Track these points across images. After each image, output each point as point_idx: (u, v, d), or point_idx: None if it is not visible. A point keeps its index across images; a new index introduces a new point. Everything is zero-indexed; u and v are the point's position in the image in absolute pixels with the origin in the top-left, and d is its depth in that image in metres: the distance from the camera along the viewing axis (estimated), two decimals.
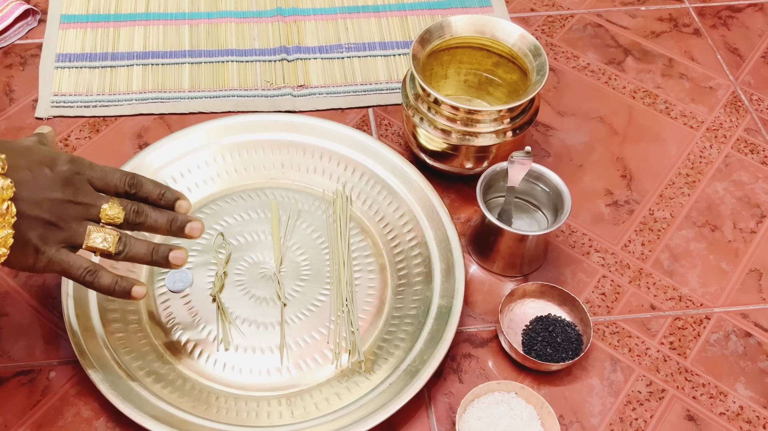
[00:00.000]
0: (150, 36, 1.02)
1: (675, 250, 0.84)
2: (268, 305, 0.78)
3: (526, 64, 0.83)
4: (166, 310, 0.77)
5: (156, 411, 0.67)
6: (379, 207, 0.84)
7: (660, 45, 1.05)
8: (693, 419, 0.73)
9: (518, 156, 0.78)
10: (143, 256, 0.65)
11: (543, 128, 0.95)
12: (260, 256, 0.81)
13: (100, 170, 0.64)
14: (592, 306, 0.80)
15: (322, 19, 1.05)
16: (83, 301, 0.74)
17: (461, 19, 0.85)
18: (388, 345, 0.75)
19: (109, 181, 0.64)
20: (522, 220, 0.84)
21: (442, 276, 0.77)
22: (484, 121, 0.80)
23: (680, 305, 0.80)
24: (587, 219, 0.87)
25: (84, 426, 0.70)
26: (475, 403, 0.70)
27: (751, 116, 0.98)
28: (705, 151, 0.94)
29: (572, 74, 1.01)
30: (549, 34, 1.06)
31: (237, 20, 1.04)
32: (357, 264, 0.81)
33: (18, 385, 0.72)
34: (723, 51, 1.05)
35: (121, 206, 0.63)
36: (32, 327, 0.76)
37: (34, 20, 1.03)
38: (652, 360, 0.76)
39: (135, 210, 0.64)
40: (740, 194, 0.90)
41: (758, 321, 0.79)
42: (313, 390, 0.72)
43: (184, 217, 0.66)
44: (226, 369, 0.74)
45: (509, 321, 0.77)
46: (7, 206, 0.57)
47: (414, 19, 1.06)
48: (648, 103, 0.98)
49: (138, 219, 0.64)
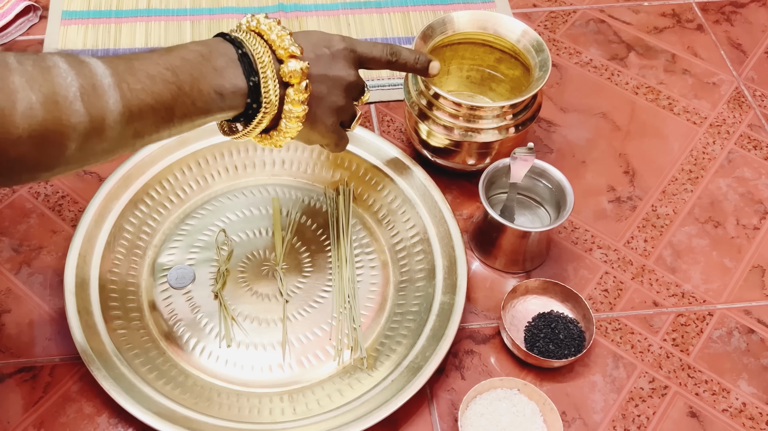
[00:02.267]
0: (152, 32, 1.02)
1: (678, 247, 0.84)
2: (270, 302, 0.78)
3: (528, 60, 0.83)
4: (168, 307, 0.77)
5: (158, 408, 0.67)
6: (382, 203, 0.84)
7: (663, 41, 1.05)
8: (695, 415, 0.72)
9: (521, 152, 0.77)
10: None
11: (545, 124, 0.95)
12: (262, 253, 0.81)
13: (365, 46, 0.71)
14: (594, 302, 0.80)
15: (324, 14, 1.05)
16: (85, 298, 0.74)
17: (463, 14, 0.85)
18: (391, 341, 0.75)
19: (375, 54, 0.71)
20: (524, 217, 0.84)
21: (444, 272, 0.77)
22: (486, 117, 0.80)
23: (683, 301, 0.80)
24: (590, 215, 0.86)
25: (86, 423, 0.70)
26: (478, 400, 0.70)
27: (754, 112, 0.97)
28: (708, 147, 0.93)
29: (575, 70, 1.01)
30: (551, 30, 1.05)
31: (239, 16, 1.04)
32: (359, 261, 0.81)
33: (20, 382, 0.72)
34: (726, 47, 1.05)
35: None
36: (34, 324, 0.76)
37: (35, 16, 1.03)
38: (655, 356, 0.76)
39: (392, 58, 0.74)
40: (743, 190, 0.90)
41: (761, 318, 0.79)
42: (315, 387, 0.72)
43: (425, 58, 0.76)
44: (228, 365, 0.74)
45: (511, 317, 0.77)
46: (306, 84, 0.64)
47: (416, 15, 1.06)
48: (651, 99, 0.98)
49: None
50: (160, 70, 0.57)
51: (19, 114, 0.50)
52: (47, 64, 0.52)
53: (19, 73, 0.50)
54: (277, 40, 0.63)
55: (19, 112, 0.50)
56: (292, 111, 0.64)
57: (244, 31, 0.64)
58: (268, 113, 0.63)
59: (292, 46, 0.63)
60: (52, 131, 0.51)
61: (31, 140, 0.51)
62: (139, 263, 0.79)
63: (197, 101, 0.59)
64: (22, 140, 0.50)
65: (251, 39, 0.63)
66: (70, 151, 0.53)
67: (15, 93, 0.50)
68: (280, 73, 0.63)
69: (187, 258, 0.80)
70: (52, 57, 0.53)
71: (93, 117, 0.53)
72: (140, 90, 0.55)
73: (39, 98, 0.50)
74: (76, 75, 0.53)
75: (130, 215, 0.81)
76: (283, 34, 0.63)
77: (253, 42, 0.62)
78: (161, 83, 0.57)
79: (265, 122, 0.64)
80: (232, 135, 0.66)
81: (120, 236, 0.79)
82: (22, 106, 0.50)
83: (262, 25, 0.64)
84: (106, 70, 0.54)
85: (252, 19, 0.64)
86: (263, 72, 0.62)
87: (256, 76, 0.62)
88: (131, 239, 0.80)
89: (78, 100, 0.52)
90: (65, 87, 0.52)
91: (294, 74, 0.63)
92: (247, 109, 0.63)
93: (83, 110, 0.52)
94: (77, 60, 0.54)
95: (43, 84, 0.51)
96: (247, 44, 0.62)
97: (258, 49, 0.62)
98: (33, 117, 0.50)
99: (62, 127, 0.52)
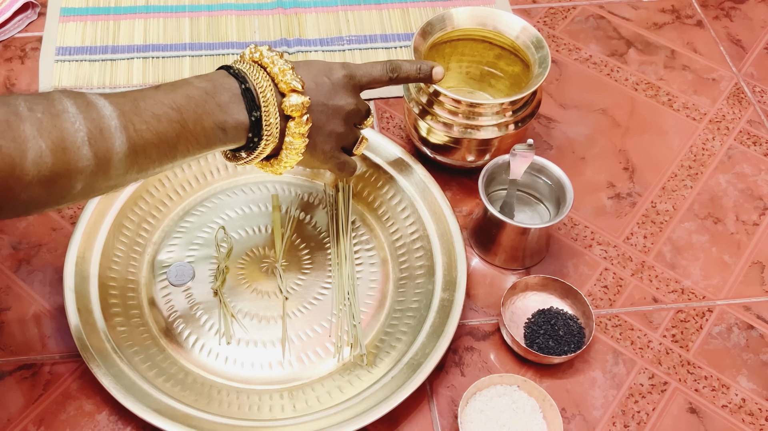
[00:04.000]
0: (150, 29, 1.01)
1: (677, 243, 0.84)
2: (269, 299, 0.78)
3: (528, 57, 0.83)
4: (168, 304, 0.77)
5: (158, 405, 0.68)
6: (381, 200, 0.84)
7: (662, 36, 1.05)
8: (695, 412, 0.73)
9: (520, 148, 0.77)
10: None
11: (545, 121, 0.95)
12: (262, 250, 0.81)
13: (364, 69, 0.72)
14: (594, 299, 0.80)
15: (323, 11, 1.05)
16: (85, 295, 0.74)
17: (463, 11, 0.85)
18: (390, 338, 0.75)
19: (375, 75, 0.72)
20: (524, 213, 0.84)
21: (444, 269, 0.77)
22: (486, 113, 0.80)
23: (682, 298, 0.80)
24: (589, 211, 0.86)
25: (86, 420, 0.70)
26: (477, 396, 0.70)
27: (753, 108, 0.97)
28: (707, 143, 0.93)
29: (574, 66, 1.01)
30: (551, 26, 1.05)
31: (237, 13, 1.04)
32: (359, 258, 0.81)
33: (20, 379, 0.72)
34: (726, 42, 1.04)
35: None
36: (34, 322, 0.76)
37: (34, 13, 1.03)
38: (655, 352, 0.76)
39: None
40: (743, 186, 0.90)
41: (761, 314, 0.79)
42: (315, 384, 0.72)
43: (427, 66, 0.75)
44: (228, 362, 0.74)
45: (511, 314, 0.77)
46: (307, 118, 0.65)
47: (415, 11, 1.06)
48: (650, 95, 0.98)
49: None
50: (165, 110, 0.59)
51: (29, 162, 0.52)
52: (57, 110, 0.54)
53: (30, 121, 0.52)
54: (279, 74, 0.64)
55: (30, 159, 0.52)
56: (293, 143, 0.66)
57: (247, 62, 0.65)
58: (269, 144, 0.65)
59: (294, 80, 0.64)
60: (61, 175, 0.54)
61: (40, 184, 0.53)
62: (139, 260, 0.79)
63: (200, 137, 0.61)
64: (32, 185, 0.53)
65: (254, 72, 0.64)
66: (76, 190, 0.56)
67: (26, 142, 0.52)
68: (282, 107, 0.64)
69: (186, 256, 0.80)
70: (62, 100, 0.55)
71: (99, 159, 0.55)
72: (145, 130, 0.58)
73: (49, 145, 0.53)
74: (84, 119, 0.55)
75: (130, 212, 0.81)
76: (285, 68, 0.64)
77: (256, 75, 0.64)
78: (166, 122, 0.59)
79: (266, 152, 0.66)
80: (234, 161, 0.68)
81: (119, 233, 0.79)
82: (33, 154, 0.52)
83: (265, 57, 0.65)
84: (113, 112, 0.56)
85: (255, 51, 0.65)
86: (265, 107, 0.63)
87: (258, 111, 0.63)
88: (131, 236, 0.80)
89: (86, 145, 0.54)
90: (74, 132, 0.54)
91: (295, 108, 0.64)
92: (249, 142, 0.65)
93: (90, 154, 0.55)
94: (85, 101, 0.56)
95: (53, 131, 0.53)
96: (250, 78, 0.64)
97: (261, 83, 0.63)
98: (43, 164, 0.52)
99: (70, 171, 0.54)
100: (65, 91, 0.57)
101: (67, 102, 0.55)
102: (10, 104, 0.53)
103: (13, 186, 0.52)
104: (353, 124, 0.72)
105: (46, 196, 0.55)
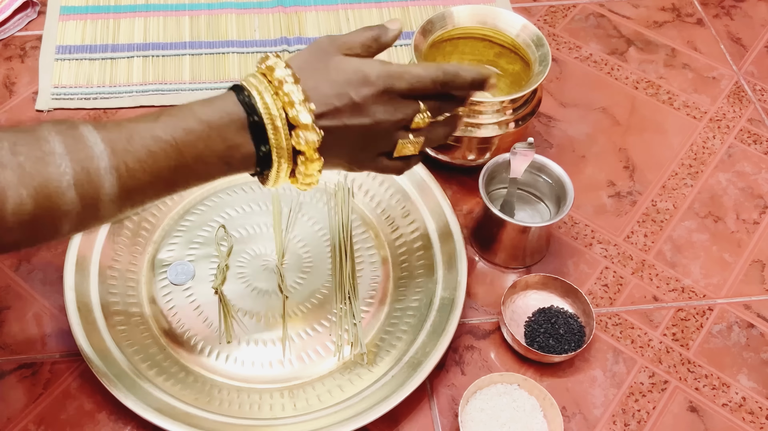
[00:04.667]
0: (150, 27, 1.01)
1: (677, 241, 0.84)
2: (270, 297, 0.78)
3: (528, 55, 0.83)
4: (168, 303, 0.77)
5: (158, 404, 0.67)
6: (381, 199, 0.84)
7: (663, 35, 1.05)
8: (695, 410, 0.73)
9: (521, 147, 0.77)
10: (443, 139, 0.65)
11: (545, 119, 0.95)
12: (262, 249, 0.81)
13: (407, 81, 0.59)
14: (594, 297, 0.80)
15: (323, 9, 1.05)
16: (85, 294, 0.74)
17: (463, 9, 0.85)
18: (391, 337, 0.75)
19: (419, 89, 0.60)
20: (524, 212, 0.84)
21: (444, 268, 0.77)
22: (486, 112, 0.80)
23: (683, 296, 0.80)
24: (590, 210, 0.86)
25: (86, 419, 0.70)
26: (478, 395, 0.70)
27: (754, 106, 0.97)
28: (708, 141, 0.93)
29: (575, 65, 1.01)
30: (551, 25, 1.05)
31: (237, 11, 1.04)
32: (359, 257, 0.81)
33: (20, 378, 0.72)
34: (726, 41, 1.04)
35: (428, 113, 0.62)
36: (34, 320, 0.76)
37: (34, 12, 1.03)
38: (655, 351, 0.76)
39: (437, 107, 0.63)
40: (743, 185, 0.90)
41: (761, 312, 0.79)
42: (316, 383, 0.72)
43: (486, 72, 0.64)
44: (229, 361, 0.74)
45: (512, 313, 0.77)
46: (318, 155, 0.57)
47: (415, 10, 1.05)
48: (651, 93, 0.98)
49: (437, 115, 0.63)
50: (162, 146, 0.54)
51: (9, 210, 0.49)
52: (42, 151, 0.51)
53: (12, 167, 0.50)
54: (287, 103, 0.56)
55: (10, 208, 0.49)
56: (306, 172, 0.59)
57: (258, 79, 0.57)
58: (281, 172, 0.58)
59: (302, 112, 0.56)
60: (44, 220, 0.51)
61: (22, 229, 0.51)
62: (139, 259, 0.79)
63: (201, 173, 0.57)
64: (13, 230, 0.50)
65: (265, 94, 0.56)
66: (64, 230, 0.53)
67: (6, 191, 0.49)
68: (292, 141, 0.57)
69: (187, 255, 0.80)
70: (50, 139, 0.51)
71: (86, 202, 0.52)
72: (139, 169, 0.53)
73: (30, 192, 0.50)
74: (71, 161, 0.51)
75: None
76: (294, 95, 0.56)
77: (267, 99, 0.56)
78: (163, 160, 0.54)
79: (279, 179, 0.59)
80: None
81: (119, 232, 0.79)
82: (13, 202, 0.49)
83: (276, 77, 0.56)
84: (104, 151, 0.52)
85: (263, 63, 0.58)
86: (276, 140, 0.56)
87: (267, 145, 0.56)
88: (131, 235, 0.80)
89: (71, 189, 0.51)
90: (58, 177, 0.51)
91: (305, 146, 0.57)
92: (256, 173, 0.60)
93: (76, 198, 0.51)
94: (74, 138, 0.52)
95: (36, 176, 0.50)
96: (259, 106, 0.56)
97: (271, 113, 0.56)
98: (23, 212, 0.50)
99: (54, 215, 0.51)
100: (56, 125, 0.52)
101: (55, 141, 0.51)
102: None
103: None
104: (393, 131, 0.61)
105: (32, 239, 0.52)
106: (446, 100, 0.63)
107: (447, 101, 0.63)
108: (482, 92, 0.65)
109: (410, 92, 0.60)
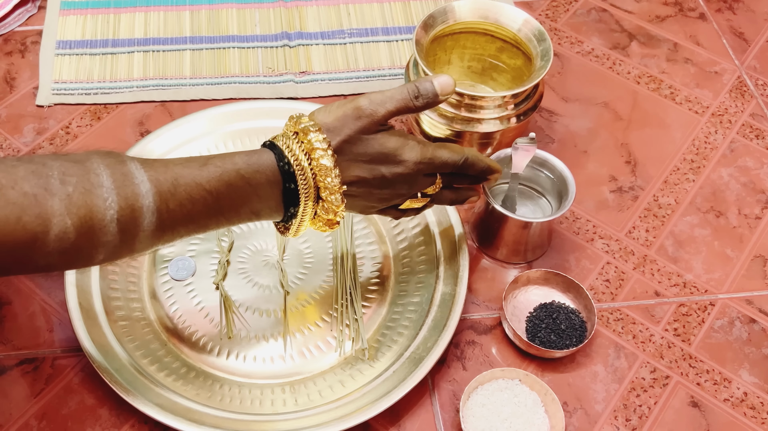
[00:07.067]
0: (151, 22, 1.01)
1: (679, 236, 0.84)
2: (271, 293, 0.78)
3: (530, 50, 0.83)
4: (169, 299, 0.77)
5: (160, 399, 0.68)
6: None
7: (665, 29, 1.04)
8: (697, 405, 0.73)
9: (522, 142, 0.77)
10: (448, 203, 0.72)
11: (547, 114, 0.94)
12: (263, 244, 0.81)
13: (435, 166, 0.66)
14: (596, 292, 0.79)
15: (324, 4, 1.04)
16: (86, 290, 0.74)
17: (465, 4, 0.85)
18: (392, 332, 0.75)
19: (442, 171, 0.67)
20: (526, 207, 0.84)
21: (445, 263, 0.77)
22: (487, 107, 0.79)
23: (684, 291, 0.80)
24: (591, 205, 0.86)
25: (88, 415, 0.70)
26: (479, 390, 0.70)
27: (756, 101, 0.97)
28: (710, 136, 0.93)
29: (576, 59, 1.00)
30: (553, 19, 1.05)
31: (238, 6, 1.04)
32: (360, 252, 0.81)
33: (22, 374, 0.72)
34: (728, 35, 1.04)
35: (440, 184, 0.69)
36: (36, 316, 0.76)
37: (34, 7, 1.02)
38: (656, 346, 0.76)
39: (450, 181, 0.70)
40: (745, 180, 0.89)
41: (763, 308, 0.79)
42: (317, 378, 0.72)
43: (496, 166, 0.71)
44: (230, 357, 0.74)
45: (513, 308, 0.77)
46: (331, 220, 0.63)
47: (417, 5, 1.05)
48: (653, 88, 0.98)
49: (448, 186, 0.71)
50: (203, 195, 0.58)
51: (52, 237, 0.51)
52: (91, 184, 0.53)
53: (60, 196, 0.51)
54: (320, 178, 0.60)
55: (53, 236, 0.51)
56: (326, 217, 0.63)
57: (295, 143, 0.60)
58: (302, 227, 0.64)
59: (334, 194, 0.61)
60: (83, 249, 0.53)
61: (60, 255, 0.52)
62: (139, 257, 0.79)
63: (232, 219, 0.61)
64: (52, 254, 0.52)
65: (303, 165, 0.60)
66: (98, 259, 0.55)
67: (51, 218, 0.51)
68: (317, 208, 0.62)
69: (187, 250, 0.80)
70: (99, 172, 0.53)
71: (125, 237, 0.54)
72: (178, 212, 0.57)
73: (75, 222, 0.52)
74: (117, 196, 0.53)
75: None
76: (333, 176, 0.60)
77: (304, 170, 0.60)
78: (201, 206, 0.58)
79: (301, 228, 0.64)
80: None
81: None
82: (57, 230, 0.51)
83: (315, 150, 0.60)
84: (150, 190, 0.55)
85: (305, 137, 0.60)
86: (305, 203, 0.61)
87: (296, 207, 0.61)
88: None
89: (113, 223, 0.53)
90: (103, 210, 0.53)
91: (331, 213, 0.62)
92: (278, 225, 0.65)
93: (116, 231, 0.54)
94: (123, 174, 0.54)
95: (82, 208, 0.52)
96: (297, 175, 0.60)
97: (307, 182, 0.60)
98: (65, 240, 0.52)
99: (93, 245, 0.53)
100: (105, 158, 0.55)
101: (103, 174, 0.53)
102: (42, 175, 0.51)
103: (32, 255, 0.51)
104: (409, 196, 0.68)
105: (66, 264, 0.55)
106: (459, 176, 0.70)
107: (460, 177, 0.70)
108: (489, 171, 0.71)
109: (433, 172, 0.67)
